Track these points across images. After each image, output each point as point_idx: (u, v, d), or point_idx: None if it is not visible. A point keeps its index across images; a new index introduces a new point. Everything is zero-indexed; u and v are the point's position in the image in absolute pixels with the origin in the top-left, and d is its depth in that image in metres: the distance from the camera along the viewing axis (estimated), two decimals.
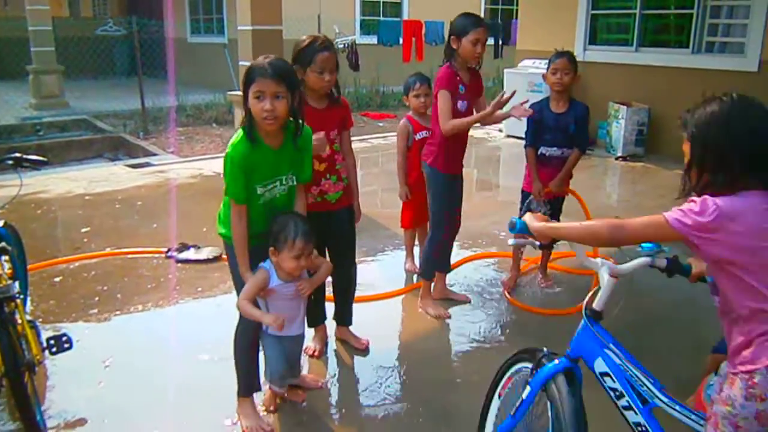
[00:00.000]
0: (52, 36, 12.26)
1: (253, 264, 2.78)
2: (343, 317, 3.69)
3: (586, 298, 2.20)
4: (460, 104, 3.72)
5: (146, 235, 5.39)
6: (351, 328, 3.70)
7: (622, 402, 2.03)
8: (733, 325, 1.81)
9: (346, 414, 3.08)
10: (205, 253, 4.85)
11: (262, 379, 3.03)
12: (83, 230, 5.52)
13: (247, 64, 2.74)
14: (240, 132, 2.68)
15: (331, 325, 3.70)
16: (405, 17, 16.44)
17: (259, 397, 3.04)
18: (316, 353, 3.53)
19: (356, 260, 3.63)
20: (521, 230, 2.18)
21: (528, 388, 2.21)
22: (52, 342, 3.08)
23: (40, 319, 3.80)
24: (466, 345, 3.74)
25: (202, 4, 16.83)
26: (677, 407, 1.96)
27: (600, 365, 2.08)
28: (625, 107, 8.62)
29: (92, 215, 5.93)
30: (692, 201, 1.77)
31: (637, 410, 2.00)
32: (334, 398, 3.21)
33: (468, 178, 4.34)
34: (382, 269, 4.85)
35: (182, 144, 9.76)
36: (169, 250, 4.94)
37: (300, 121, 2.75)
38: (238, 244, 2.74)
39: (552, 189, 4.20)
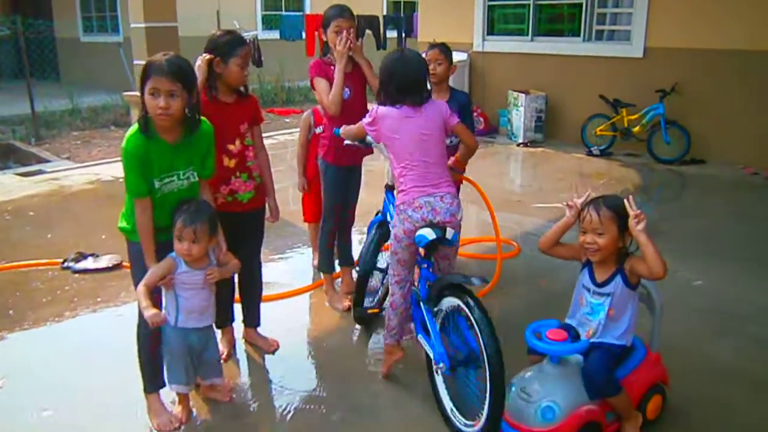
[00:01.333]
0: None
1: (159, 258, 2.75)
2: (251, 319, 3.63)
3: (386, 180, 3.50)
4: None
5: (40, 246, 5.11)
6: (260, 329, 3.65)
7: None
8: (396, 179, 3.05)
9: (258, 417, 3.04)
10: (105, 261, 4.65)
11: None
12: None
13: (143, 63, 2.70)
14: (135, 125, 2.66)
15: (239, 327, 3.64)
16: (307, 11, 16.31)
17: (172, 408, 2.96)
18: (224, 356, 3.45)
19: (262, 260, 3.59)
20: None
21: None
22: None
23: None
24: (375, 336, 3.77)
25: (94, 1, 16.06)
26: None
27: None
28: (523, 95, 8.91)
29: None
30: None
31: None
32: (244, 401, 3.15)
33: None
34: (291, 266, 4.82)
35: (78, 149, 9.31)
36: (65, 260, 4.70)
37: (197, 118, 2.74)
38: (143, 235, 2.71)
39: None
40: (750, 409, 3.05)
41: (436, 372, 2.95)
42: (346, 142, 3.53)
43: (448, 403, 2.91)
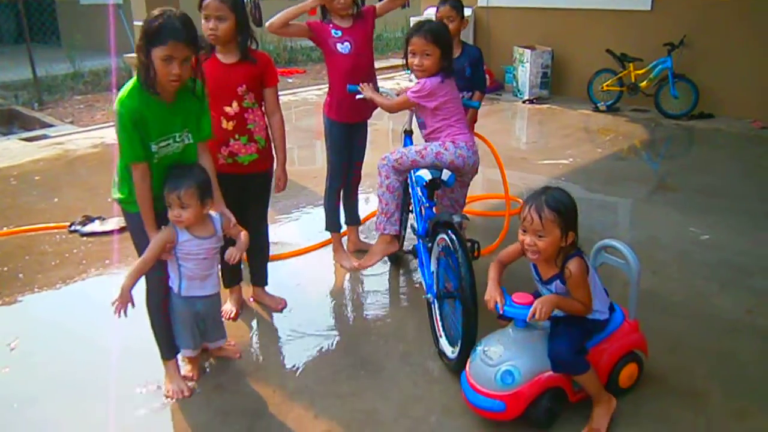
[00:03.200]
0: None
1: (160, 227, 2.69)
2: (259, 278, 3.65)
3: (404, 126, 3.77)
4: (340, 47, 3.70)
5: (47, 210, 5.12)
6: (267, 288, 3.67)
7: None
8: (428, 138, 3.38)
9: (266, 374, 3.08)
10: (112, 224, 4.67)
11: None
12: None
13: (141, 23, 2.57)
14: (131, 85, 2.53)
15: (247, 286, 3.67)
16: None
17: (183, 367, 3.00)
18: (232, 315, 3.49)
19: (269, 220, 3.58)
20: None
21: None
22: None
23: None
24: (381, 293, 3.79)
25: None
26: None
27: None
28: (529, 51, 8.78)
29: None
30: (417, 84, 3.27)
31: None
32: (253, 358, 3.19)
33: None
34: (299, 226, 4.82)
35: (81, 113, 9.26)
36: (72, 224, 4.72)
37: (198, 80, 2.67)
38: (143, 203, 2.62)
39: None
40: (757, 362, 3.06)
41: (427, 301, 3.18)
42: (359, 96, 3.61)
43: (438, 328, 3.12)
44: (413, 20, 9.99)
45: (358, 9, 3.78)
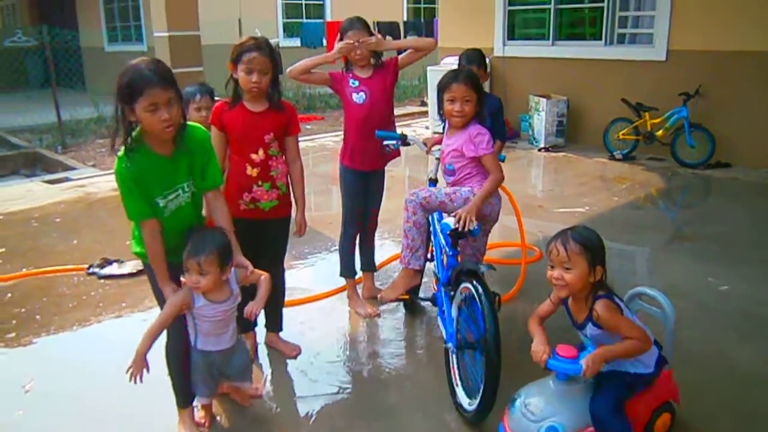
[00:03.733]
0: None
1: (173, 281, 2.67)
2: (273, 324, 3.65)
3: (429, 174, 3.81)
4: (355, 97, 3.77)
5: (66, 252, 5.19)
6: (282, 333, 3.67)
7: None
8: (453, 185, 3.44)
9: (280, 421, 3.05)
10: (129, 267, 4.71)
11: None
12: None
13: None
14: (122, 150, 2.47)
15: (262, 332, 3.66)
16: (328, 18, 16.42)
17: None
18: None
19: (285, 266, 3.60)
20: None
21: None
22: None
23: None
24: (397, 341, 3.77)
25: (119, 11, 16.31)
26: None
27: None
28: (544, 100, 8.87)
29: (7, 235, 5.66)
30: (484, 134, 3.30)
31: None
32: (266, 405, 3.17)
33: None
34: (316, 272, 4.83)
35: (103, 156, 9.44)
36: (90, 266, 4.77)
37: (184, 124, 2.56)
38: (155, 259, 2.60)
39: None
40: None
41: (447, 350, 3.13)
42: (387, 142, 3.77)
43: (455, 378, 3.07)
44: (430, 69, 10.20)
45: (379, 60, 3.87)
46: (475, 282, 2.87)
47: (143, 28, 15.27)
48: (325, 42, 12.99)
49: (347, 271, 4.16)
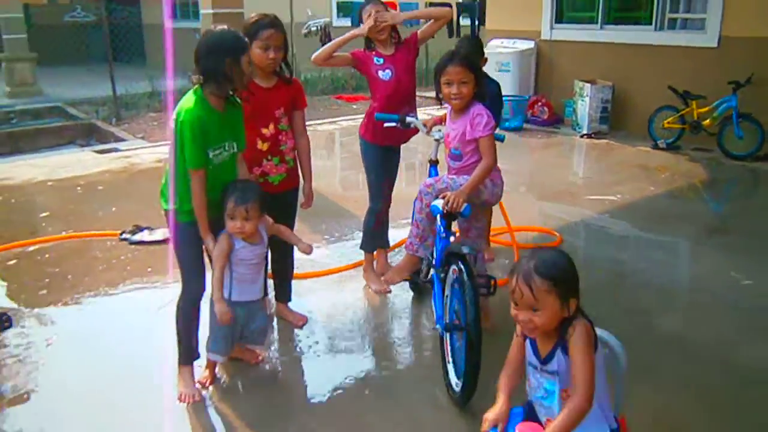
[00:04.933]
0: (23, 23, 12.20)
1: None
2: (282, 294, 3.78)
3: (430, 156, 3.74)
4: (382, 74, 3.84)
5: (104, 218, 5.46)
6: (291, 304, 3.80)
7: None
8: (459, 170, 3.39)
9: (277, 386, 3.19)
10: (159, 234, 4.92)
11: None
12: (42, 215, 5.59)
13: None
14: (193, 96, 2.78)
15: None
16: None
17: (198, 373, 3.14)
18: None
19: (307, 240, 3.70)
20: None
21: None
22: None
23: None
24: (402, 321, 3.85)
25: None
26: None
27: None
28: (589, 85, 8.70)
29: (53, 200, 5.99)
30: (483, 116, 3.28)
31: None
32: (267, 370, 3.31)
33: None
34: (333, 248, 4.92)
35: (154, 129, 9.77)
36: (123, 232, 5.01)
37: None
38: (200, 208, 2.83)
39: None
40: None
41: (438, 331, 3.22)
42: (387, 124, 3.74)
43: (448, 359, 3.12)
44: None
45: (399, 37, 3.92)
46: (460, 263, 2.91)
47: (199, 6, 15.60)
48: None
49: (367, 245, 4.25)
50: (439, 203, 3.16)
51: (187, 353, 3.09)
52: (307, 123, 3.58)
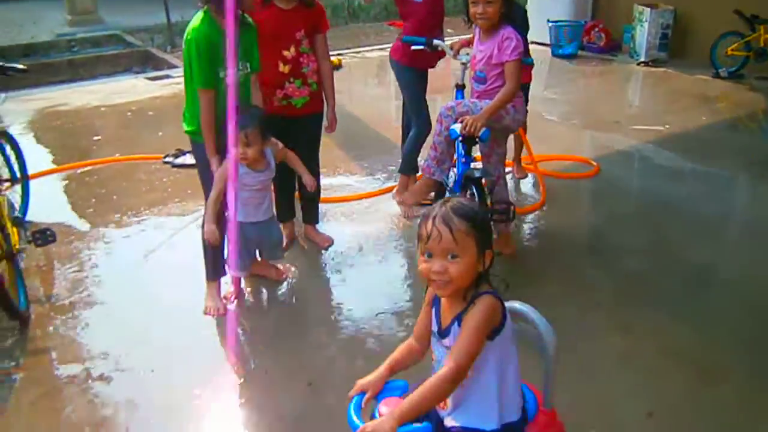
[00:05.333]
0: None
1: (220, 158, 2.98)
2: (310, 216, 3.89)
3: (457, 80, 3.78)
4: None
5: (151, 143, 5.65)
6: (318, 226, 3.91)
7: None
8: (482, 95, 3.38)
9: (297, 303, 3.34)
10: None
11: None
12: (94, 138, 5.84)
13: None
14: (201, 15, 2.85)
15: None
16: None
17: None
18: (284, 246, 3.74)
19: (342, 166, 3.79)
20: None
21: None
22: (37, 235, 3.38)
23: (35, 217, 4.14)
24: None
25: None
26: None
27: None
28: (649, 9, 8.25)
29: (105, 125, 6.24)
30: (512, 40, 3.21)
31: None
32: (287, 288, 3.45)
33: None
34: (365, 174, 4.93)
35: None
36: (166, 155, 5.20)
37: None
38: (207, 129, 2.92)
39: None
40: None
41: None
42: (414, 47, 3.76)
43: None
44: None
45: None
46: (473, 187, 2.92)
47: None
48: None
49: (407, 167, 4.29)
50: (457, 127, 3.15)
51: (213, 269, 3.26)
52: (357, 49, 3.61)
